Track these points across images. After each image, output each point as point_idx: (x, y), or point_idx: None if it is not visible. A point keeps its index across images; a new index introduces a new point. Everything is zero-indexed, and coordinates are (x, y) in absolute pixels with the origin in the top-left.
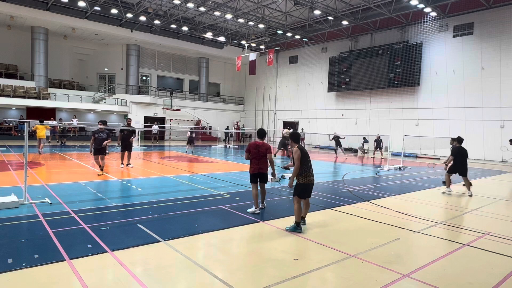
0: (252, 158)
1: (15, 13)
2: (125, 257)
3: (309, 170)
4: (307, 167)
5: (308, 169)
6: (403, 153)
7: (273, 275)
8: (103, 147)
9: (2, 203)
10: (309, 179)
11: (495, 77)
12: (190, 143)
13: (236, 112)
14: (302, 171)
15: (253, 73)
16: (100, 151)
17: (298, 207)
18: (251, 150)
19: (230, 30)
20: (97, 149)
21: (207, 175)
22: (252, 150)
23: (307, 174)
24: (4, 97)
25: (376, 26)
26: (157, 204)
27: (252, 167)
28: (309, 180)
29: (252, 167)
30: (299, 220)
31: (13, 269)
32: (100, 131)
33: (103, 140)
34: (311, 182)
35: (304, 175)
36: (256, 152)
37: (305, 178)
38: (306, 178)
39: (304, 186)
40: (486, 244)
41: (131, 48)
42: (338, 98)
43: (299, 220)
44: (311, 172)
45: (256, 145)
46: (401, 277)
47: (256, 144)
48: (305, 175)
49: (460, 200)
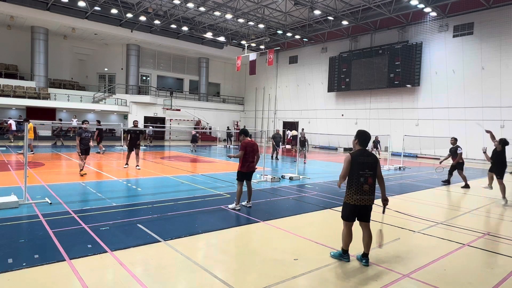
0: (247, 157)
1: (15, 13)
2: (125, 257)
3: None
4: (358, 181)
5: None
6: (403, 153)
7: (273, 275)
8: (89, 146)
9: (2, 203)
10: (354, 198)
11: (495, 77)
12: (194, 142)
13: (236, 112)
14: (350, 187)
15: (253, 73)
16: (87, 151)
17: (345, 232)
18: (247, 149)
19: (230, 30)
20: (84, 149)
21: (207, 175)
22: (248, 149)
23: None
24: (4, 97)
25: (376, 26)
26: (157, 204)
27: (245, 166)
28: (354, 200)
29: (246, 165)
30: (346, 248)
31: (13, 269)
32: (85, 131)
33: (89, 140)
34: (357, 203)
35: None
36: (251, 150)
37: (351, 198)
38: (351, 197)
39: (348, 206)
40: (486, 244)
41: (131, 48)
42: (338, 98)
43: (346, 247)
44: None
45: (252, 143)
46: (401, 277)
47: (252, 143)
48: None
49: (460, 200)
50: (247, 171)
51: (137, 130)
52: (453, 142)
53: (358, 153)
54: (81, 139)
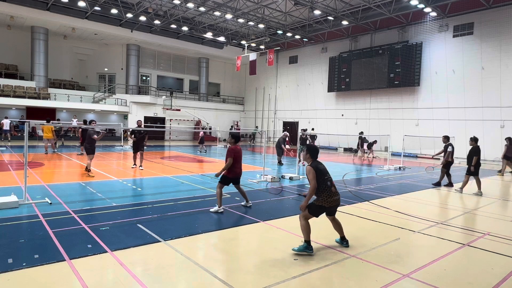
0: (235, 163)
1: (15, 13)
2: (125, 257)
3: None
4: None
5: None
6: (403, 153)
7: (273, 275)
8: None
9: (2, 203)
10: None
11: (495, 77)
12: (201, 143)
13: (236, 112)
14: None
15: (253, 73)
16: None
17: (305, 224)
18: (235, 155)
19: (230, 30)
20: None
21: (207, 175)
22: (236, 155)
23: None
24: (4, 97)
25: (376, 26)
26: (157, 204)
27: (232, 172)
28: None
29: (234, 171)
30: (308, 239)
31: (13, 269)
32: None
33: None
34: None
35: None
36: (238, 156)
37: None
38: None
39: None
40: (486, 244)
41: (131, 48)
42: (338, 98)
43: (308, 238)
44: (333, 190)
45: (239, 149)
46: (401, 277)
47: (239, 149)
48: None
49: (460, 200)
50: (233, 176)
51: (141, 131)
52: (444, 140)
53: (316, 163)
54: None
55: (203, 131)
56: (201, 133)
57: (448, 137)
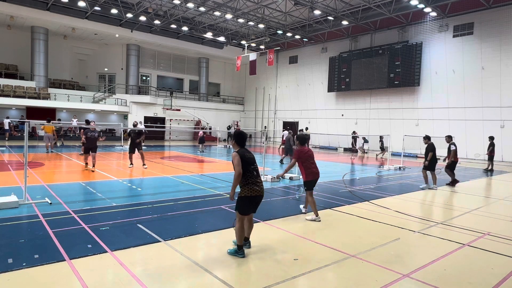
0: (310, 164)
1: (15, 13)
2: (125, 257)
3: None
4: (252, 175)
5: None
6: (403, 153)
7: (273, 275)
8: (95, 146)
9: (2, 203)
10: (254, 189)
11: (495, 77)
12: (201, 143)
13: (236, 112)
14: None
15: (253, 73)
16: (93, 150)
17: (240, 226)
18: (301, 156)
19: (230, 30)
20: (89, 147)
21: (207, 175)
22: (303, 156)
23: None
24: (4, 97)
25: (376, 26)
26: (157, 204)
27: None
28: (255, 191)
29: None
30: (241, 243)
31: (13, 269)
32: (92, 131)
33: (95, 139)
34: (257, 193)
35: (249, 185)
36: (309, 156)
37: (250, 190)
38: (251, 189)
39: (248, 199)
40: (486, 244)
41: (131, 48)
42: (338, 98)
43: (241, 242)
44: (258, 181)
45: (306, 150)
46: (401, 277)
47: (306, 150)
48: (250, 186)
49: (460, 200)
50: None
51: (136, 130)
52: (447, 139)
53: (243, 151)
54: (86, 138)
55: (203, 131)
56: (200, 133)
57: (451, 137)
